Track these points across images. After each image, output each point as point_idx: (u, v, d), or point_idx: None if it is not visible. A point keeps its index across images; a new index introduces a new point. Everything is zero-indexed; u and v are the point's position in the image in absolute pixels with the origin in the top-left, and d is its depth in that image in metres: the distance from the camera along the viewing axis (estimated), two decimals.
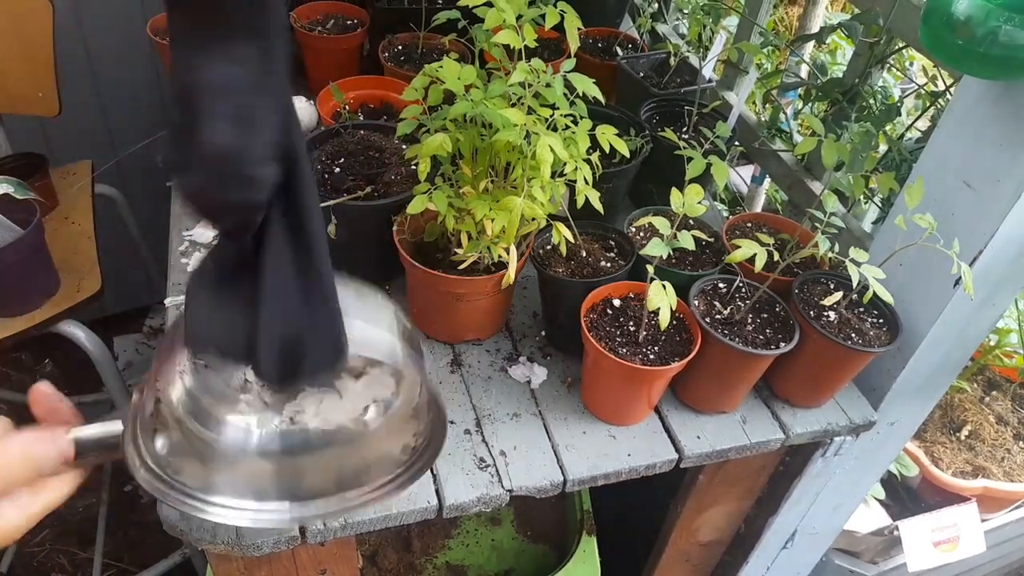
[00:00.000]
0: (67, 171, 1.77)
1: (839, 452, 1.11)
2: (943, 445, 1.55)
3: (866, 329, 0.99)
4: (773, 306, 1.01)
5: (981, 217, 0.93)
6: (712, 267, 1.07)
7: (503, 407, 1.01)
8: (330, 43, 1.51)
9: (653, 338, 0.96)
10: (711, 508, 1.23)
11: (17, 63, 1.66)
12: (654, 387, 0.97)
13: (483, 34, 0.98)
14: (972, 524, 1.44)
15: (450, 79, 0.93)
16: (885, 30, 1.20)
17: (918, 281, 1.02)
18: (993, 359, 1.65)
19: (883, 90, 1.32)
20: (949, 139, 0.96)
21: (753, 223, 1.18)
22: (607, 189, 1.13)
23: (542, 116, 0.92)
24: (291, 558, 0.93)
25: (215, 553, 0.85)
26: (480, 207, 0.90)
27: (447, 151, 0.91)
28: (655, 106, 1.36)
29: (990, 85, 0.89)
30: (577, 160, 0.94)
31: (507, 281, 0.96)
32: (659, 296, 0.87)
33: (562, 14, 0.93)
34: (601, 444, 0.98)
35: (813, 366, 1.00)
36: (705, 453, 0.99)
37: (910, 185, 0.92)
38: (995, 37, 0.77)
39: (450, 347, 1.08)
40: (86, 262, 1.55)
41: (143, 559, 1.92)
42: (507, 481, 0.91)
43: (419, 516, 0.88)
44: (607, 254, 1.06)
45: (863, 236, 1.26)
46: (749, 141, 1.52)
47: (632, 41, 1.61)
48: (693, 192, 0.92)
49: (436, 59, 1.41)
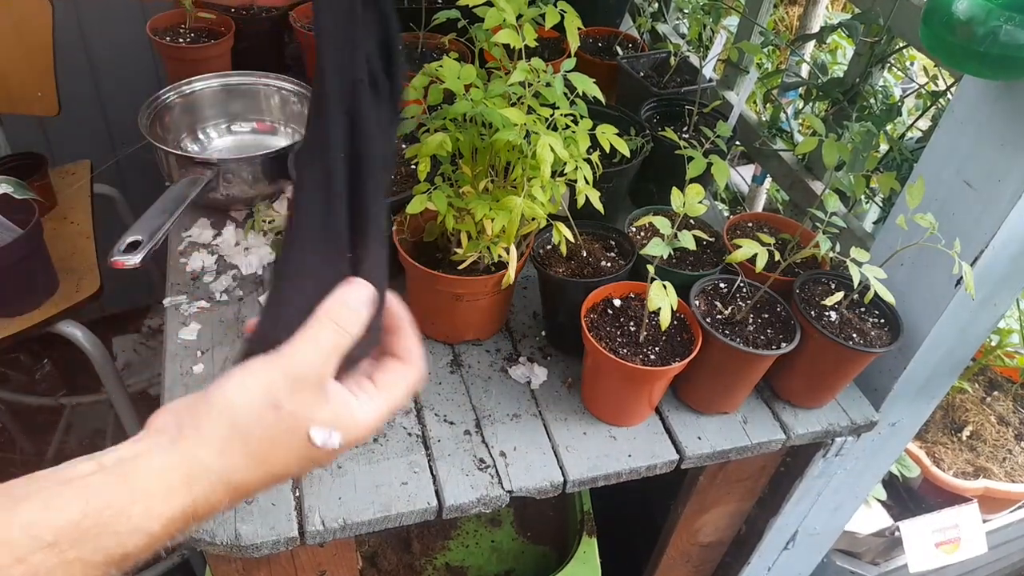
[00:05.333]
0: (66, 171, 1.77)
1: (840, 453, 1.11)
2: (944, 446, 1.55)
3: (867, 329, 0.99)
4: (774, 306, 1.01)
5: (982, 217, 0.92)
6: (713, 267, 1.07)
7: (503, 407, 1.00)
8: None
9: (654, 338, 0.96)
10: (712, 509, 1.23)
11: (17, 63, 1.66)
12: (655, 387, 0.96)
13: (483, 34, 0.97)
14: (973, 525, 1.43)
15: (450, 79, 0.93)
16: (885, 30, 1.19)
17: (919, 281, 1.02)
18: (994, 359, 1.65)
19: (884, 90, 1.32)
20: (950, 139, 0.96)
21: (754, 223, 1.18)
22: (607, 189, 1.13)
23: (542, 116, 0.91)
24: (290, 559, 0.93)
25: (214, 554, 0.85)
26: (480, 207, 0.90)
27: (447, 151, 0.91)
28: (655, 106, 1.35)
29: (990, 85, 0.89)
30: (577, 160, 0.94)
31: (507, 281, 0.96)
32: (660, 296, 0.87)
33: (562, 14, 0.93)
34: (601, 445, 0.97)
35: (814, 366, 1.00)
36: (706, 454, 0.99)
37: (911, 185, 0.92)
38: (995, 37, 0.77)
39: (450, 347, 1.08)
40: (85, 262, 1.54)
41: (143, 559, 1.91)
42: (507, 482, 0.91)
43: (419, 517, 0.88)
44: (607, 254, 1.06)
45: (864, 236, 1.26)
46: (750, 141, 1.52)
47: (632, 41, 1.61)
48: (694, 192, 0.92)
49: (436, 59, 1.41)
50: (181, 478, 0.46)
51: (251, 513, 0.84)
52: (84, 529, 0.43)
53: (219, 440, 0.47)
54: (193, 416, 0.48)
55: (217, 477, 0.47)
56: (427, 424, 0.97)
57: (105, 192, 1.81)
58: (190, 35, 1.51)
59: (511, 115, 0.86)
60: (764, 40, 1.47)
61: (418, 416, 0.98)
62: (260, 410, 0.48)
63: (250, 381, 0.49)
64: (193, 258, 1.16)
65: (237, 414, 0.48)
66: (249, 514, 0.84)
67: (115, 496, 0.44)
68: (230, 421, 0.48)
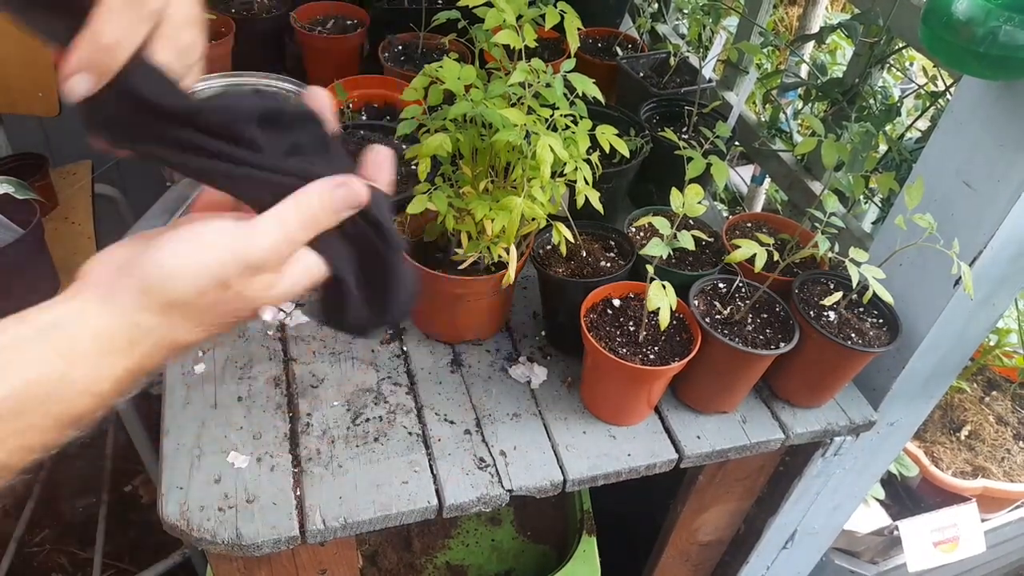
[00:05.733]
0: (67, 171, 1.77)
1: (839, 452, 1.11)
2: (943, 445, 1.55)
3: (866, 329, 0.99)
4: (773, 306, 1.01)
5: (981, 217, 0.93)
6: (712, 267, 1.07)
7: (503, 407, 1.01)
8: (330, 43, 1.51)
9: (653, 338, 0.96)
10: (711, 508, 1.23)
11: (17, 63, 1.66)
12: (654, 387, 0.97)
13: (483, 34, 0.98)
14: (972, 524, 1.44)
15: (450, 79, 0.93)
16: (885, 30, 1.20)
17: (918, 281, 1.02)
18: (993, 359, 1.65)
19: (883, 90, 1.32)
20: (949, 139, 0.96)
21: (753, 223, 1.18)
22: (607, 189, 1.13)
23: (542, 116, 0.92)
24: (291, 558, 0.93)
25: (215, 553, 0.85)
26: (480, 207, 0.90)
27: (447, 151, 0.91)
28: (655, 106, 1.36)
29: (990, 85, 0.89)
30: (577, 160, 0.94)
31: (507, 281, 0.96)
32: (659, 296, 0.87)
33: (562, 14, 0.93)
34: (601, 444, 0.98)
35: (813, 366, 1.00)
36: (705, 453, 0.99)
37: (910, 185, 0.92)
38: (995, 37, 0.77)
39: (450, 347, 1.08)
40: (86, 262, 1.54)
41: (143, 559, 1.92)
42: (507, 481, 0.92)
43: (419, 516, 0.88)
44: (607, 254, 1.06)
45: (863, 236, 1.26)
46: (749, 141, 1.52)
47: (632, 41, 1.61)
48: (693, 192, 0.92)
49: (436, 59, 1.42)
50: (122, 341, 0.46)
51: (252, 512, 0.84)
52: (28, 397, 0.42)
53: (157, 307, 0.46)
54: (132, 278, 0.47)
55: (159, 337, 0.47)
56: (427, 423, 0.97)
57: (106, 192, 1.81)
58: None
59: (511, 116, 0.86)
60: (764, 40, 1.48)
61: (418, 415, 0.98)
62: (204, 287, 0.47)
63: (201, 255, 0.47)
64: None
65: (179, 287, 0.46)
66: (250, 513, 0.84)
67: (55, 363, 0.43)
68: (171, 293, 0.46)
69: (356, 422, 0.96)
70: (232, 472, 0.88)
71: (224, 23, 1.51)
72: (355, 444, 0.93)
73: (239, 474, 0.88)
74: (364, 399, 0.99)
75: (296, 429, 0.94)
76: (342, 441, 0.94)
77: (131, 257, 0.47)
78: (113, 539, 1.97)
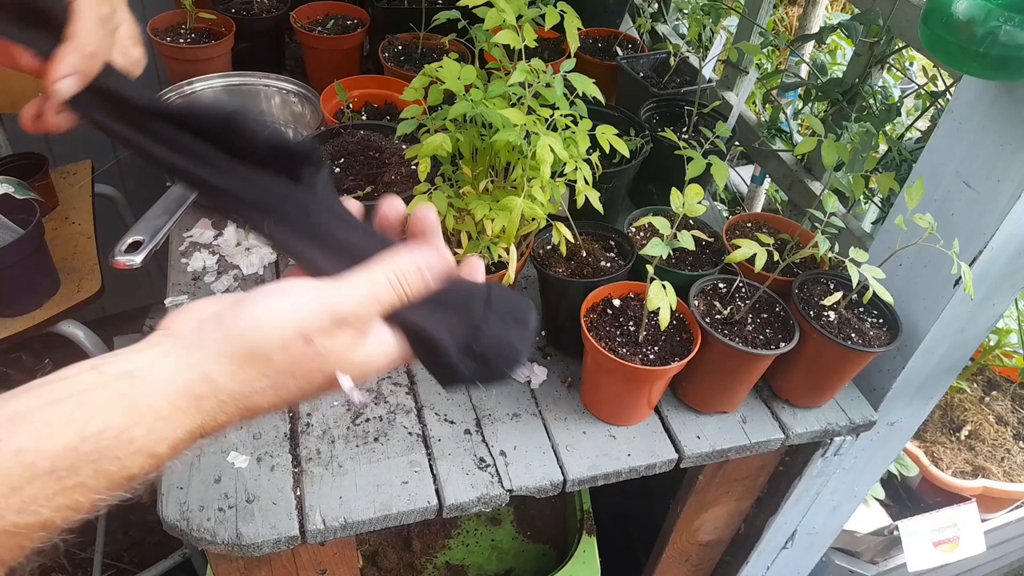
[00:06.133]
0: (67, 171, 1.77)
1: (839, 452, 1.11)
2: (943, 445, 1.55)
3: (866, 329, 0.99)
4: (773, 306, 1.01)
5: (981, 217, 0.93)
6: (712, 267, 1.07)
7: (503, 407, 1.01)
8: (330, 43, 1.51)
9: (653, 338, 0.96)
10: (711, 508, 1.23)
11: None
12: (654, 387, 0.97)
13: (483, 34, 0.98)
14: (972, 524, 1.44)
15: (450, 79, 0.93)
16: (885, 30, 1.20)
17: (918, 281, 1.02)
18: (993, 359, 1.65)
19: (883, 90, 1.32)
20: (949, 139, 0.96)
21: (753, 223, 1.18)
22: (607, 189, 1.13)
23: (542, 116, 0.92)
24: (291, 558, 0.93)
25: (215, 553, 0.86)
26: (480, 207, 0.90)
27: (447, 151, 0.91)
28: (655, 106, 1.36)
29: (990, 85, 0.89)
30: (577, 160, 0.94)
31: (507, 281, 0.96)
32: (659, 296, 0.87)
33: (562, 14, 0.93)
34: (601, 444, 0.98)
35: (813, 366, 1.00)
36: (705, 453, 0.99)
37: (910, 185, 0.92)
38: (995, 37, 0.77)
39: None
40: (86, 262, 1.55)
41: (143, 559, 1.92)
42: (507, 481, 0.92)
43: (419, 516, 0.88)
44: (607, 254, 1.06)
45: (863, 236, 1.26)
46: (749, 141, 1.52)
47: (632, 41, 1.62)
48: (693, 192, 0.92)
49: (436, 59, 1.42)
50: (191, 399, 0.44)
51: (252, 512, 0.84)
52: (82, 453, 0.40)
53: (238, 359, 0.45)
54: (217, 329, 0.46)
55: (228, 396, 0.45)
56: (427, 423, 0.97)
57: (106, 192, 1.81)
58: (191, 35, 1.51)
59: (511, 116, 0.86)
60: (764, 40, 1.48)
61: (418, 415, 0.98)
62: (289, 340, 0.46)
63: (287, 308, 0.46)
64: (194, 258, 1.16)
65: (263, 338, 0.45)
66: (250, 513, 0.84)
67: (116, 418, 0.41)
68: (253, 343, 0.45)
69: (356, 422, 0.96)
70: (232, 472, 0.88)
71: (224, 23, 1.51)
72: (355, 444, 0.93)
73: (239, 474, 0.88)
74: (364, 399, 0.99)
75: (296, 429, 0.94)
76: (342, 441, 0.94)
77: (219, 311, 0.47)
78: (113, 539, 1.97)
